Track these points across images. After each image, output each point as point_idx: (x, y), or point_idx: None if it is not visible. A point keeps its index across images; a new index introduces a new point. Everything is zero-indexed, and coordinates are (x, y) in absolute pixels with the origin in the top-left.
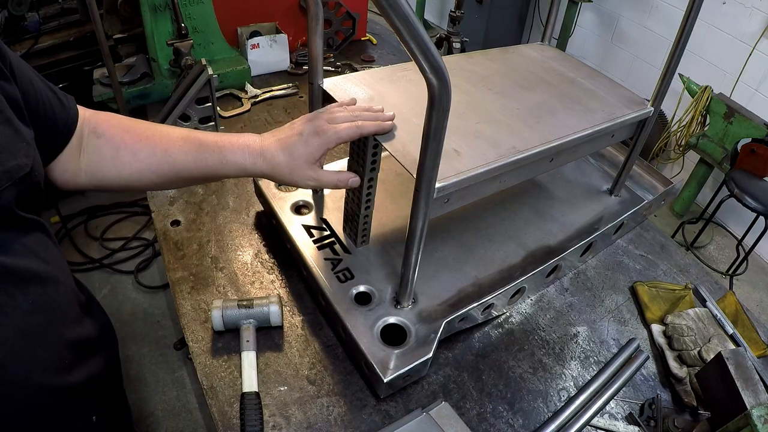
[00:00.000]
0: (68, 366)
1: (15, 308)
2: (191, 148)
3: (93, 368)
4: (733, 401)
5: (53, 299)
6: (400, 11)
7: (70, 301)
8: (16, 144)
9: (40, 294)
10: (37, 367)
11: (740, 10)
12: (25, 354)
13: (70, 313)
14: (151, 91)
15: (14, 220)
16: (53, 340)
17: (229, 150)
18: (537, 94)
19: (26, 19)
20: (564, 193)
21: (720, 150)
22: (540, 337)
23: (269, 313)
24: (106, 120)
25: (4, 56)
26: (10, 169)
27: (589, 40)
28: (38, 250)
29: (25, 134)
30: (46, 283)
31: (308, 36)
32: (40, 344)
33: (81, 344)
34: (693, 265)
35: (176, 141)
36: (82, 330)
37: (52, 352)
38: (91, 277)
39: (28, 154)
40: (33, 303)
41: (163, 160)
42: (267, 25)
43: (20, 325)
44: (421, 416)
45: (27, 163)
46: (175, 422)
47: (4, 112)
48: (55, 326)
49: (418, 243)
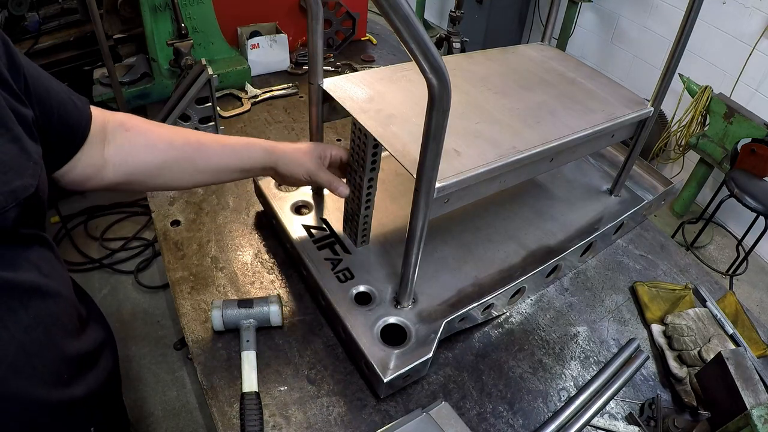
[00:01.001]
0: (67, 380)
1: (16, 323)
2: (219, 139)
3: (92, 382)
4: (733, 401)
5: (54, 314)
6: (400, 11)
7: (71, 315)
8: (23, 163)
9: (41, 308)
10: (37, 383)
11: (740, 10)
12: (25, 369)
13: (70, 327)
14: (151, 91)
15: (17, 236)
16: (53, 355)
17: (252, 140)
18: (537, 94)
19: (26, 19)
20: (564, 193)
21: (720, 150)
22: (540, 337)
23: (269, 313)
24: (130, 118)
25: (18, 71)
26: (16, 189)
27: (589, 40)
28: (41, 264)
29: (33, 153)
30: (47, 297)
31: (308, 36)
32: (40, 359)
33: (80, 358)
34: (693, 265)
35: (204, 136)
36: (82, 344)
37: (51, 367)
38: (91, 277)
39: (35, 174)
40: (34, 318)
41: (198, 149)
42: (267, 25)
43: (21, 341)
44: (421, 416)
45: (32, 183)
46: (175, 422)
47: (12, 130)
48: (55, 341)
49: (418, 243)
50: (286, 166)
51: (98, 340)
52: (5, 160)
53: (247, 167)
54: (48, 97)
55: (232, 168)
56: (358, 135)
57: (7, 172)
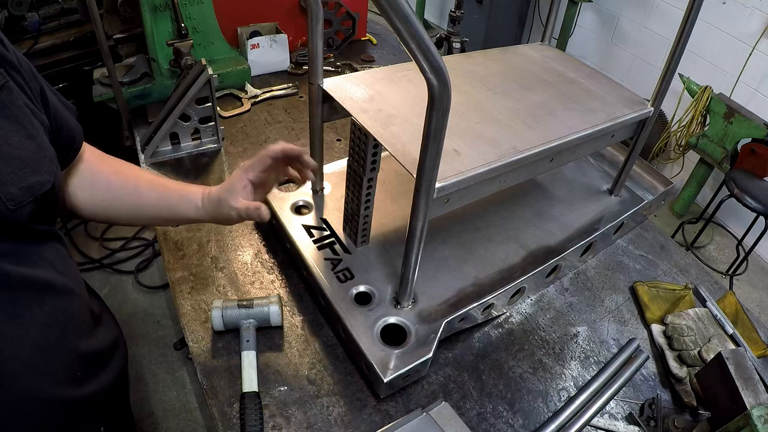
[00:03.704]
0: (80, 378)
1: (32, 320)
2: (158, 187)
3: (104, 380)
4: (733, 401)
5: (68, 311)
6: (400, 11)
7: (84, 313)
8: (39, 160)
9: (56, 306)
10: (51, 381)
11: (740, 10)
12: (39, 367)
13: (84, 325)
14: (151, 91)
15: (32, 232)
16: (67, 353)
17: (188, 190)
18: (537, 94)
19: (26, 19)
20: (564, 193)
21: (720, 150)
22: (540, 337)
23: (269, 313)
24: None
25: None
26: (33, 185)
27: (589, 40)
28: (55, 261)
29: (48, 151)
30: (62, 295)
31: (308, 36)
32: (54, 357)
33: (93, 357)
34: (693, 265)
35: (145, 180)
36: (95, 342)
37: (65, 366)
38: (91, 277)
39: (50, 170)
40: (49, 315)
41: (133, 194)
42: (267, 25)
43: (36, 339)
44: (421, 416)
45: (49, 179)
46: (175, 422)
47: (28, 128)
48: (69, 339)
49: (418, 243)
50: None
51: (111, 339)
52: (22, 156)
53: (180, 220)
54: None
55: (166, 218)
56: (358, 135)
57: (24, 168)
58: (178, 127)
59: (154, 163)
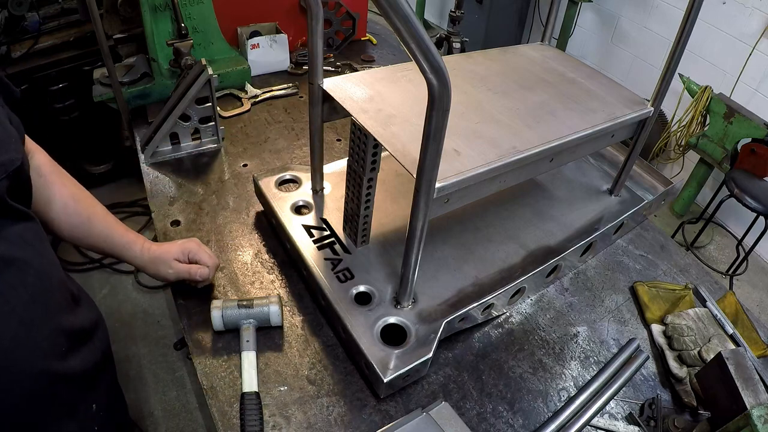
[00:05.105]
0: (65, 352)
1: (17, 298)
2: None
3: (87, 356)
4: (733, 401)
5: (49, 290)
6: (400, 11)
7: (63, 292)
8: (7, 139)
9: (37, 285)
10: (38, 354)
11: (740, 10)
12: (27, 342)
13: (64, 303)
14: (151, 91)
15: (7, 210)
16: (51, 328)
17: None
18: (537, 94)
19: (26, 19)
20: (564, 193)
21: (720, 150)
22: (540, 337)
23: (269, 313)
24: (47, 162)
25: None
26: (5, 162)
27: (589, 40)
28: (34, 241)
29: (12, 132)
30: (41, 274)
31: (308, 36)
32: (39, 332)
33: (75, 332)
34: (693, 265)
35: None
36: (76, 319)
37: (50, 340)
38: (91, 277)
39: (18, 149)
40: (32, 294)
41: (84, 224)
42: (267, 25)
43: (21, 315)
44: (421, 416)
45: (18, 157)
46: (175, 422)
47: None
48: (52, 315)
49: (418, 243)
50: (156, 271)
51: (91, 320)
52: None
53: (123, 260)
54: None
55: (108, 254)
56: (358, 135)
57: None
58: (178, 127)
59: (154, 163)
